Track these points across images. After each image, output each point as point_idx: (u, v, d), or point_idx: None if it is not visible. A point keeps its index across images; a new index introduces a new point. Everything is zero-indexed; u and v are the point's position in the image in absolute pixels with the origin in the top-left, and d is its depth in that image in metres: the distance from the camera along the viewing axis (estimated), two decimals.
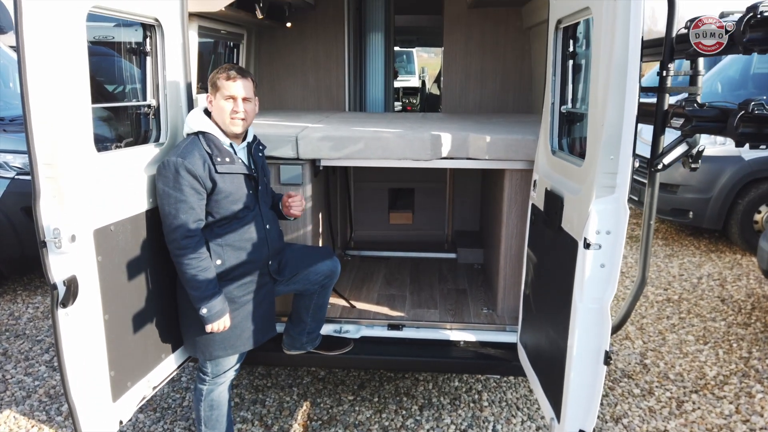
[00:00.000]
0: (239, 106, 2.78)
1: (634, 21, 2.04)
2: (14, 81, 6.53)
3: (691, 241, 7.12)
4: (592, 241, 2.22)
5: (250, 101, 2.83)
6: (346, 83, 5.44)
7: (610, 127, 2.14)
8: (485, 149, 3.41)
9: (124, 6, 2.60)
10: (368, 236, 5.35)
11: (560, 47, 2.89)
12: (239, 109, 2.78)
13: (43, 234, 2.18)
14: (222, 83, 2.77)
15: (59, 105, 2.16)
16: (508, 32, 5.15)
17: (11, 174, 4.93)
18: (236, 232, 2.86)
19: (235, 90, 2.76)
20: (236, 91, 2.77)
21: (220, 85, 2.77)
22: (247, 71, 2.87)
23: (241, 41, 4.72)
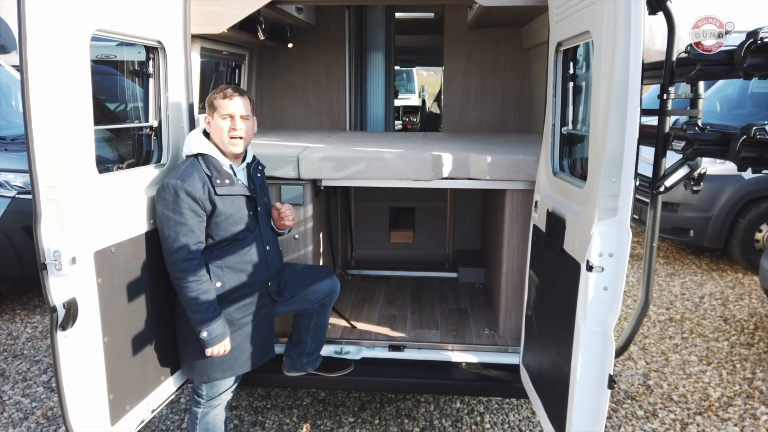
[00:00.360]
0: (237, 124, 2.77)
1: (634, 45, 2.05)
2: (16, 100, 6.57)
3: (693, 259, 7.11)
4: (595, 264, 2.21)
5: (247, 119, 2.83)
6: (347, 102, 5.47)
7: (611, 150, 2.14)
8: (486, 169, 3.41)
9: (128, 29, 2.62)
10: (369, 255, 5.33)
11: (560, 69, 2.91)
12: (237, 127, 2.77)
13: (44, 256, 2.17)
14: (219, 102, 2.77)
15: (62, 127, 2.17)
16: (508, 52, 5.19)
17: (12, 193, 4.94)
18: (236, 254, 2.85)
19: (233, 108, 2.77)
20: (233, 109, 2.77)
21: (217, 104, 2.77)
22: (244, 90, 2.88)
23: (243, 62, 4.76)
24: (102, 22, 2.40)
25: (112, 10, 2.48)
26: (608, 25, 2.13)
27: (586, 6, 2.36)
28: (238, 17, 3.33)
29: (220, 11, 3.30)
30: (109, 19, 2.45)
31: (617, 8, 2.07)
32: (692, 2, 7.92)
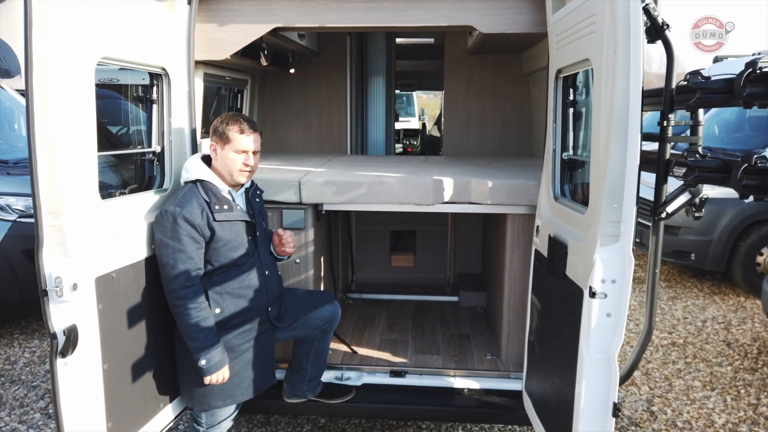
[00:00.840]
0: (250, 160, 2.80)
1: (634, 73, 2.07)
2: (19, 123, 6.61)
3: (694, 283, 7.09)
4: (598, 290, 2.21)
5: (257, 154, 2.86)
6: (348, 126, 5.51)
7: (612, 177, 2.15)
8: (487, 194, 3.42)
9: (133, 56, 2.66)
10: (370, 279, 5.32)
11: (560, 95, 2.93)
12: (250, 163, 2.80)
13: (45, 282, 2.16)
14: (234, 136, 2.77)
15: (66, 153, 2.18)
16: (508, 77, 5.24)
17: (13, 217, 4.94)
18: (235, 279, 2.84)
19: (248, 144, 2.78)
20: (249, 145, 2.79)
21: (231, 137, 2.77)
22: (257, 124, 2.90)
23: (245, 86, 4.80)
24: (107, 50, 2.43)
25: (118, 38, 2.51)
26: (608, 53, 2.15)
27: (585, 34, 2.39)
28: (241, 44, 3.37)
29: (224, 38, 3.34)
30: (114, 47, 2.48)
31: (616, 37, 2.09)
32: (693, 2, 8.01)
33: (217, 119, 2.84)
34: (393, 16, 3.27)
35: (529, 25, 3.22)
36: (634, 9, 2.04)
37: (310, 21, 3.32)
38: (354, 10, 3.28)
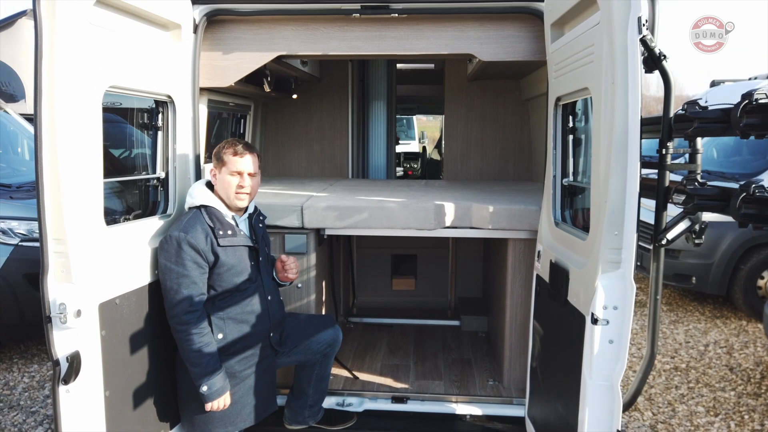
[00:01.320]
0: (245, 182, 2.83)
1: (632, 102, 2.11)
2: (22, 147, 6.67)
3: (696, 306, 7.07)
4: (600, 317, 2.21)
5: (254, 176, 2.88)
6: (350, 150, 5.56)
7: (613, 204, 2.17)
8: (488, 219, 3.44)
9: (140, 85, 2.70)
10: (371, 302, 5.31)
11: (560, 122, 2.97)
12: (245, 185, 2.83)
13: (49, 309, 2.17)
14: (229, 158, 2.82)
15: (72, 181, 2.20)
16: (507, 103, 5.30)
17: (15, 240, 4.95)
18: (238, 304, 2.84)
19: (242, 166, 2.82)
20: (243, 167, 2.82)
21: (226, 160, 2.82)
22: (253, 146, 2.94)
23: (249, 112, 4.86)
24: (115, 79, 2.48)
25: (125, 67, 2.56)
26: (606, 83, 2.19)
27: (584, 64, 2.43)
28: (245, 71, 3.42)
29: (228, 66, 3.39)
30: (121, 76, 2.53)
31: (615, 67, 2.14)
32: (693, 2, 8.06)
33: (218, 145, 2.88)
34: (395, 44, 3.33)
35: (528, 54, 3.28)
36: (632, 40, 2.08)
37: (313, 49, 3.38)
38: (356, 38, 3.34)
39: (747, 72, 12.54)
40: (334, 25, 3.33)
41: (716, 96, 8.84)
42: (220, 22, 3.31)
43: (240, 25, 3.35)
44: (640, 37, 2.08)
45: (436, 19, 3.28)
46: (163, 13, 2.84)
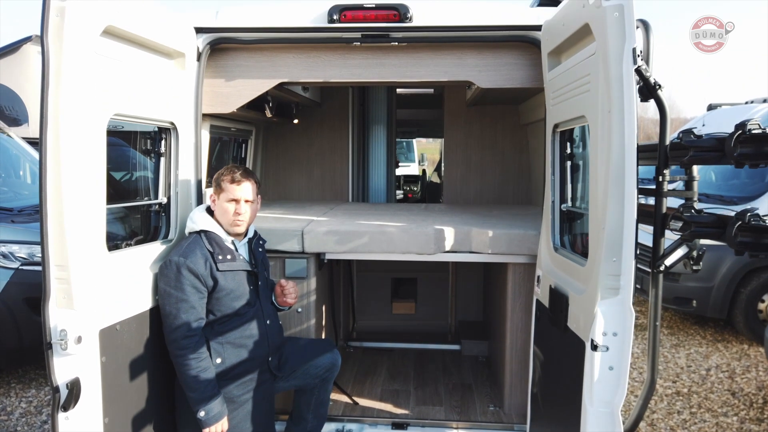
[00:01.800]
0: (242, 209, 2.86)
1: (628, 131, 2.15)
2: (25, 170, 6.71)
3: (697, 330, 7.04)
4: (599, 343, 2.22)
5: (252, 203, 2.92)
6: (350, 174, 5.60)
7: (611, 231, 2.19)
8: (488, 243, 3.46)
9: (144, 112, 2.74)
10: (371, 326, 5.30)
11: (558, 149, 3.01)
12: (242, 211, 2.86)
13: (50, 335, 2.18)
14: (226, 186, 2.85)
15: (75, 207, 2.22)
16: (506, 127, 5.36)
17: (16, 264, 4.96)
18: (237, 329, 2.85)
19: (239, 193, 2.85)
20: (240, 194, 2.85)
21: (224, 187, 2.86)
22: (252, 173, 2.97)
23: (250, 136, 4.91)
24: (119, 107, 2.52)
25: (130, 95, 2.60)
26: (603, 111, 2.23)
27: (581, 92, 2.48)
28: (247, 98, 3.47)
29: (231, 92, 3.44)
30: (126, 104, 2.57)
31: (611, 96, 2.17)
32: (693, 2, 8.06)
33: (218, 172, 2.92)
34: (394, 72, 3.39)
35: (525, 81, 3.33)
36: (627, 70, 2.13)
37: (314, 76, 3.44)
38: (357, 66, 3.40)
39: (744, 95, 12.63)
40: (335, 53, 3.38)
41: (713, 120, 8.92)
42: (223, 50, 3.37)
43: (242, 53, 3.41)
44: (635, 68, 2.12)
45: (435, 48, 3.34)
46: (168, 43, 2.89)
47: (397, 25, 3.17)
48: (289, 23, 3.25)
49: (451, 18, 3.22)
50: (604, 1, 2.16)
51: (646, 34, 2.26)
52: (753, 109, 8.41)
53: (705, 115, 9.65)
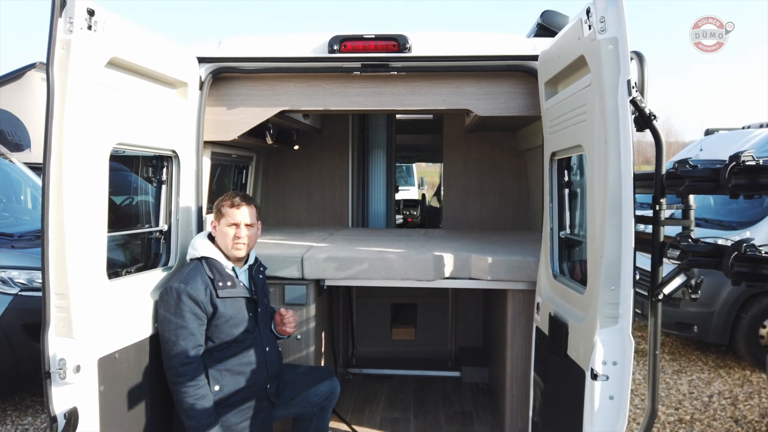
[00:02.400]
0: (242, 232, 2.89)
1: (624, 160, 2.17)
2: (26, 195, 6.73)
3: (699, 356, 6.99)
4: (599, 372, 2.21)
5: (252, 227, 2.95)
6: (350, 200, 5.63)
7: (609, 259, 2.20)
8: (487, 270, 3.46)
9: (146, 141, 2.77)
10: (370, 352, 5.27)
11: (556, 177, 3.04)
12: (242, 235, 2.89)
13: (48, 364, 2.17)
14: (227, 210, 2.90)
15: (76, 235, 2.24)
16: (505, 153, 5.40)
17: (15, 290, 4.94)
18: (236, 356, 2.85)
19: (239, 217, 2.89)
20: (240, 218, 2.89)
21: (225, 212, 2.90)
22: (251, 198, 3.01)
23: (251, 163, 4.95)
24: (122, 136, 2.55)
25: (133, 125, 2.64)
26: (599, 141, 2.26)
27: (577, 122, 2.51)
28: (249, 125, 3.51)
29: (232, 120, 3.48)
30: (129, 134, 2.60)
31: (607, 126, 2.21)
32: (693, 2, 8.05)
33: (219, 199, 2.96)
34: (394, 100, 3.43)
35: (523, 109, 3.37)
36: (622, 101, 2.16)
37: (315, 104, 3.48)
38: (357, 94, 3.44)
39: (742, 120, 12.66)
40: (336, 82, 3.43)
41: (711, 145, 8.99)
42: (225, 79, 3.42)
43: (244, 82, 3.46)
44: (630, 99, 2.15)
45: (433, 77, 3.39)
46: (171, 73, 2.94)
47: (397, 55, 3.23)
48: (291, 53, 3.31)
49: (449, 48, 3.27)
50: (599, 34, 2.20)
51: (641, 65, 2.30)
52: (750, 134, 8.48)
53: (703, 140, 9.72)
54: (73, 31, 2.19)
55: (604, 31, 2.20)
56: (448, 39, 3.32)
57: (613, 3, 2.19)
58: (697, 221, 7.36)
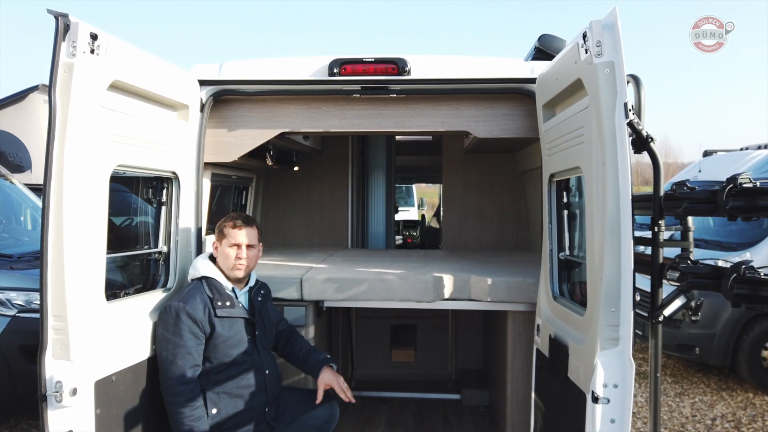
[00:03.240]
0: (243, 253, 2.91)
1: (622, 182, 2.18)
2: (25, 216, 6.74)
3: (701, 378, 6.93)
4: (600, 395, 2.20)
5: (253, 248, 2.96)
6: (349, 220, 5.63)
7: (608, 281, 2.20)
8: (487, 291, 3.45)
9: (146, 163, 2.79)
10: (370, 374, 5.22)
11: (554, 198, 3.05)
12: (243, 256, 2.91)
13: (45, 387, 2.16)
14: (228, 231, 2.92)
15: (75, 257, 2.24)
16: (504, 174, 5.42)
17: (12, 312, 4.92)
18: (234, 379, 2.83)
19: (240, 238, 2.91)
20: (241, 239, 2.91)
21: (226, 233, 2.92)
22: (253, 219, 3.03)
23: (251, 184, 4.96)
24: (123, 158, 2.56)
25: (134, 147, 2.66)
26: (597, 163, 2.27)
27: (575, 144, 2.53)
28: (249, 147, 3.53)
29: (233, 142, 3.50)
30: (129, 156, 2.62)
31: (604, 149, 2.22)
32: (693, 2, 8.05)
33: (221, 220, 2.98)
34: (393, 122, 3.46)
35: (521, 131, 3.40)
36: (619, 124, 2.18)
37: (315, 126, 3.51)
38: (356, 116, 3.47)
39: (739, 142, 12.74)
40: (335, 104, 3.46)
41: (709, 166, 9.02)
42: (226, 102, 3.45)
43: (245, 104, 3.49)
44: (627, 121, 2.17)
45: (432, 99, 3.42)
46: (173, 95, 2.97)
47: (396, 78, 3.26)
48: (291, 76, 3.34)
49: (448, 71, 3.31)
50: (596, 58, 2.23)
51: (637, 88, 2.33)
52: (748, 156, 8.52)
53: (701, 161, 9.76)
54: (76, 55, 2.22)
55: (601, 54, 2.23)
56: (446, 62, 3.36)
57: (609, 27, 2.22)
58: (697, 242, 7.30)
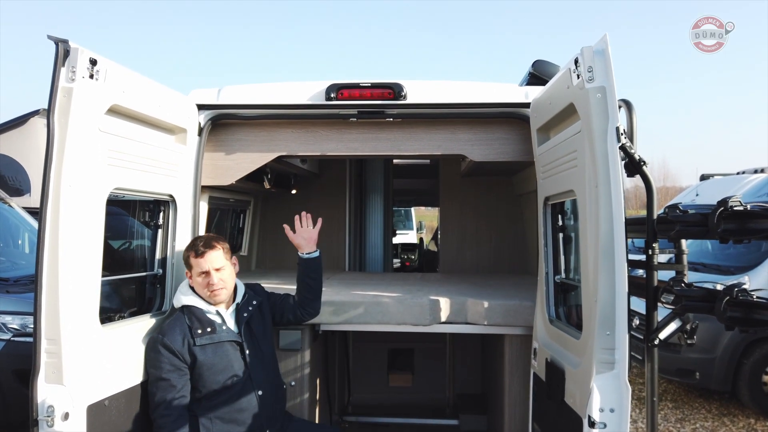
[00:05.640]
0: (213, 279, 2.82)
1: (616, 205, 2.19)
2: (23, 240, 6.74)
3: (702, 403, 6.86)
4: (597, 420, 2.18)
5: (223, 269, 2.86)
6: (347, 243, 5.63)
7: (603, 304, 2.20)
8: (484, 315, 3.44)
9: (144, 186, 2.80)
10: (367, 400, 5.16)
11: (550, 221, 3.06)
12: (213, 282, 2.82)
13: (37, 412, 2.14)
14: (192, 261, 2.84)
15: (70, 281, 2.23)
16: (501, 197, 5.44)
17: (7, 336, 4.89)
18: (226, 404, 2.79)
19: (206, 265, 2.82)
20: (207, 266, 2.82)
21: (191, 263, 2.84)
22: (215, 239, 2.90)
23: (248, 207, 4.98)
24: (120, 181, 2.58)
25: (131, 170, 2.67)
26: (590, 186, 2.29)
27: (569, 168, 2.55)
28: (247, 170, 3.55)
29: (230, 165, 3.53)
30: (127, 179, 2.64)
31: (597, 173, 2.24)
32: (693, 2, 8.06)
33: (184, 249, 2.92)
34: (390, 145, 3.49)
35: (516, 155, 3.43)
36: (612, 148, 2.20)
37: (312, 150, 3.53)
38: (353, 140, 3.50)
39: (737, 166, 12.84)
40: (332, 129, 3.50)
41: (706, 190, 9.07)
42: (224, 125, 3.48)
43: (242, 128, 3.52)
44: (619, 145, 2.19)
45: (428, 123, 3.45)
46: (171, 119, 2.99)
47: (392, 103, 3.30)
48: (289, 100, 3.38)
49: (444, 96, 3.35)
50: (587, 83, 2.27)
51: (629, 113, 2.36)
52: (745, 179, 8.58)
53: (698, 185, 9.82)
54: (75, 80, 2.25)
55: (592, 80, 2.26)
56: (442, 87, 3.40)
57: (600, 53, 2.26)
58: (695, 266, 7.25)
